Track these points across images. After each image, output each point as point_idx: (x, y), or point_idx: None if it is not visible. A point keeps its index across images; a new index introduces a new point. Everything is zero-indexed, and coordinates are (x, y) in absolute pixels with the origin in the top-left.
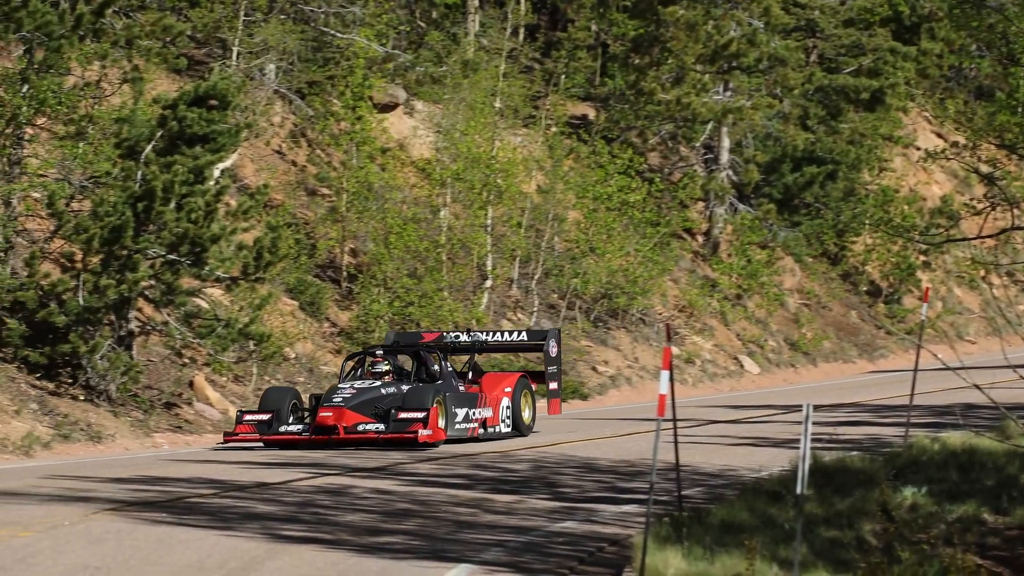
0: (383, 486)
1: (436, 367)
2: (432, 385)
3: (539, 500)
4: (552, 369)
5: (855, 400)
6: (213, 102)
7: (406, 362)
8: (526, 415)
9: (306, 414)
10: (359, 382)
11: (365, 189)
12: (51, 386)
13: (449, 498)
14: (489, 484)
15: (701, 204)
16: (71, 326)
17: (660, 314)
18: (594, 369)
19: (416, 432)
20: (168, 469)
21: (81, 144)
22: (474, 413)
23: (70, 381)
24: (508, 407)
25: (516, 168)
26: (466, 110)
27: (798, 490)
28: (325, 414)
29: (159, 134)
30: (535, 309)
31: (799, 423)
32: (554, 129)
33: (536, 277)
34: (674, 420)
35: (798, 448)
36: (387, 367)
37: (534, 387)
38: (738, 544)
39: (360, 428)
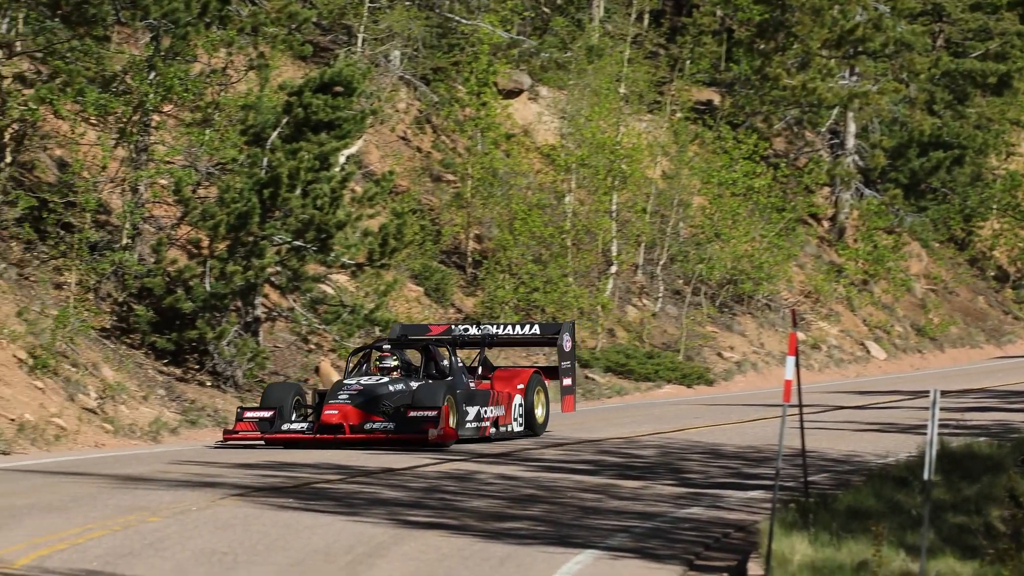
0: (508, 472)
1: (445, 362)
2: (443, 382)
3: (665, 486)
4: (566, 364)
5: (983, 386)
6: (338, 89)
7: (413, 357)
8: (539, 413)
9: (309, 412)
10: (365, 378)
11: (490, 175)
12: (178, 372)
13: (575, 484)
14: (615, 470)
15: (827, 189)
16: (198, 312)
17: (786, 300)
18: (720, 355)
19: (427, 432)
20: (295, 455)
21: (207, 131)
22: (486, 411)
23: (197, 367)
24: (521, 405)
25: (641, 154)
26: (591, 96)
27: (925, 476)
28: (330, 412)
29: (285, 121)
30: (660, 295)
31: (926, 409)
32: (679, 115)
33: (661, 263)
34: (800, 406)
35: (925, 434)
36: (395, 362)
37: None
38: (865, 530)
39: (367, 427)
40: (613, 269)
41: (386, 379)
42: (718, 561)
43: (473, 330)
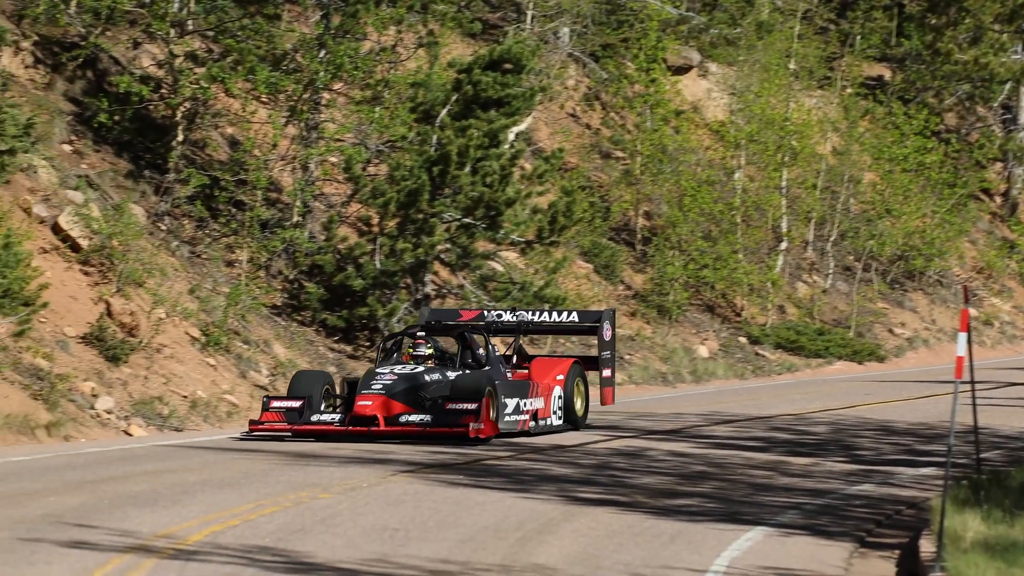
0: (679, 448)
1: (481, 351)
2: (482, 372)
3: (836, 463)
4: (606, 354)
5: None
6: (507, 66)
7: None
8: (579, 406)
9: (339, 402)
10: (399, 367)
11: (659, 152)
12: (349, 349)
13: (745, 460)
14: (785, 447)
15: (999, 165)
16: (368, 290)
17: (957, 276)
18: (891, 331)
19: (467, 426)
20: None
21: (377, 108)
22: (525, 404)
23: (367, 344)
24: (560, 397)
25: (811, 130)
26: (760, 72)
27: None
28: (364, 403)
29: (454, 98)
30: (830, 271)
31: None
32: (849, 90)
33: (831, 239)
34: (972, 382)
35: None
36: (429, 350)
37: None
38: None
39: (403, 419)
40: (783, 245)
41: (421, 368)
42: (890, 538)
43: (507, 316)
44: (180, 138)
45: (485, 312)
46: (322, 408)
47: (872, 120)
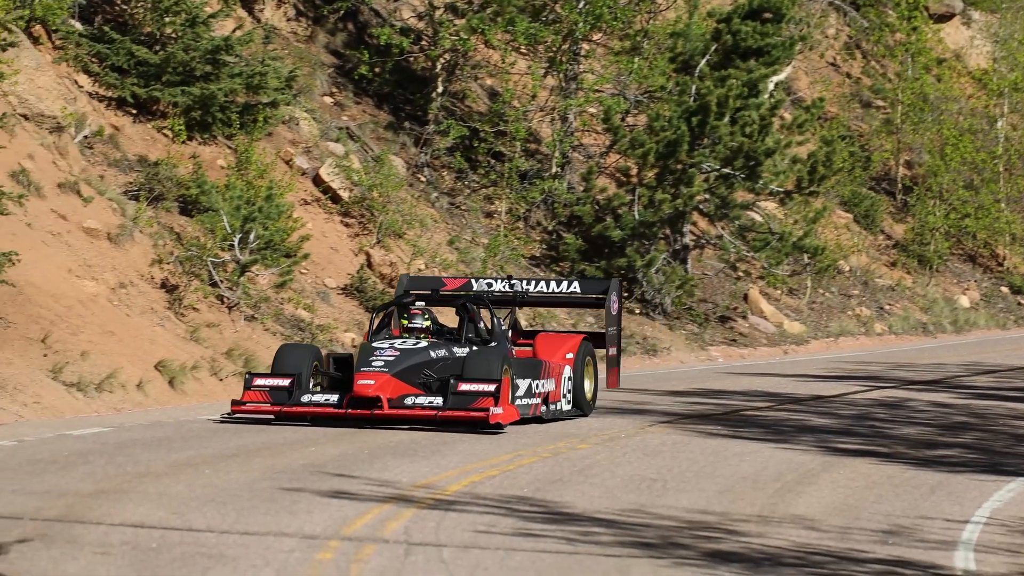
0: (940, 399)
1: (482, 324)
2: (495, 349)
3: None
4: (612, 330)
5: None
6: (767, 15)
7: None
8: (588, 388)
9: (326, 380)
10: (399, 341)
11: (920, 100)
12: None
13: (1007, 411)
14: None
15: None
16: (627, 240)
17: None
18: None
19: (487, 410)
20: (723, 382)
21: (636, 59)
22: (537, 386)
23: (626, 295)
24: (570, 378)
25: None
26: None
27: None
28: (365, 382)
29: (713, 48)
30: None
31: None
32: None
33: None
34: None
35: None
36: (427, 322)
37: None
38: None
39: (409, 402)
40: None
41: (423, 343)
42: None
43: (498, 286)
44: (440, 89)
45: (472, 280)
46: (311, 387)
47: None
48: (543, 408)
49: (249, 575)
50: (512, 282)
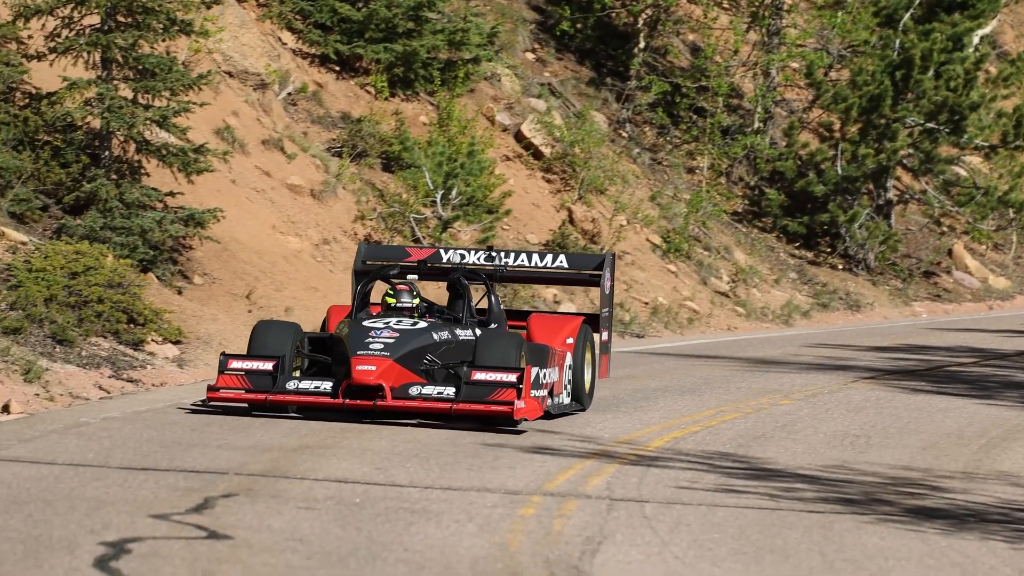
0: None
1: (469, 303)
2: (510, 334)
3: None
4: (606, 312)
5: None
6: None
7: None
8: (587, 378)
9: (304, 363)
10: (394, 321)
11: None
12: (809, 255)
13: None
14: None
15: None
16: (829, 195)
17: None
18: None
19: (510, 404)
20: (927, 337)
21: (839, 13)
22: (544, 376)
23: (828, 250)
24: (570, 367)
25: None
26: None
27: None
28: (365, 367)
29: (917, 1)
30: None
31: None
32: None
33: None
34: None
35: None
36: (415, 300)
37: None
38: None
39: (414, 392)
40: None
41: (423, 324)
42: None
43: (470, 258)
44: (641, 45)
45: (441, 251)
46: (295, 372)
47: None
48: (549, 401)
49: (452, 530)
50: (493, 254)
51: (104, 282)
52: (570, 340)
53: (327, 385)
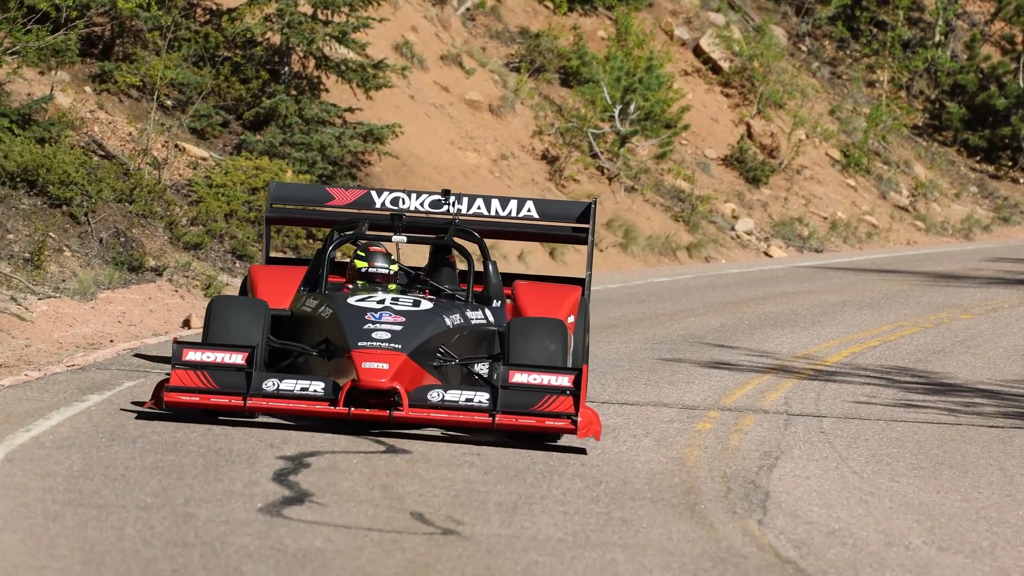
0: None
1: (472, 273)
2: (548, 321)
3: None
4: (589, 275)
5: None
6: None
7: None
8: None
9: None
10: (390, 299)
11: None
12: (991, 169)
13: None
14: None
15: None
16: (1011, 109)
17: None
18: None
19: (571, 418)
20: None
21: None
22: None
23: (1010, 164)
24: (571, 351)
25: None
26: None
27: None
28: (376, 365)
29: None
30: None
31: None
32: None
33: None
34: None
35: None
36: (394, 266)
37: None
38: None
39: (434, 397)
40: None
41: (427, 303)
42: None
43: (414, 204)
44: None
45: (373, 193)
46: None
47: None
48: None
49: (629, 445)
50: (451, 198)
51: None
52: (571, 318)
53: (318, 386)
